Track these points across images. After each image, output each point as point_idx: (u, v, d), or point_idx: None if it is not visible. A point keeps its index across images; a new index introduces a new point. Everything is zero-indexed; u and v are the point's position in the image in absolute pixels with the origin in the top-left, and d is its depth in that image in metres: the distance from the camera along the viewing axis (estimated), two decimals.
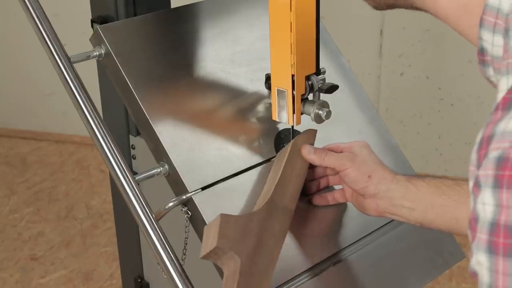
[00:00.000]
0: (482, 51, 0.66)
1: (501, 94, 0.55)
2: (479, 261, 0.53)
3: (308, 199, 1.11)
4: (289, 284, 1.04)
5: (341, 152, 1.06)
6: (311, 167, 1.09)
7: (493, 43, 0.63)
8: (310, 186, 1.10)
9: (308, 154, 1.06)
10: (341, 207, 1.13)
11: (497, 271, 0.51)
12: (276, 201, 1.01)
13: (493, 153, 0.51)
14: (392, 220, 1.18)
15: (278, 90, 1.05)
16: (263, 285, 0.96)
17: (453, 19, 0.68)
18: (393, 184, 1.01)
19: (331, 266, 1.09)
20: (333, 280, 1.09)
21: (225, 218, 0.95)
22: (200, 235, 1.03)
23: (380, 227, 1.16)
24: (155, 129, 1.04)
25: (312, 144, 1.09)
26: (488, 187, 0.51)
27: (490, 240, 0.51)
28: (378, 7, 0.81)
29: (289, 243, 1.06)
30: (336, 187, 1.12)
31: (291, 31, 1.00)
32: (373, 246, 1.14)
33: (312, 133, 1.10)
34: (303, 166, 1.07)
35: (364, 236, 1.14)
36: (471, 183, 0.54)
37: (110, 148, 1.01)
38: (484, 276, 0.53)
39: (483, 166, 0.52)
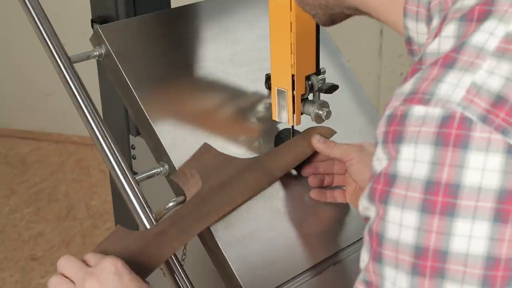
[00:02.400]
0: (409, 41, 0.67)
1: None
2: (366, 206, 0.57)
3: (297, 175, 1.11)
4: (289, 284, 1.04)
5: None
6: (318, 161, 1.09)
7: (418, 31, 0.64)
8: (314, 180, 1.10)
9: (318, 143, 1.07)
10: (341, 207, 1.13)
11: (387, 220, 0.54)
12: (263, 162, 1.04)
13: (386, 112, 0.55)
14: None
15: (278, 90, 1.05)
16: (211, 216, 0.97)
17: (382, 10, 0.68)
18: None
19: (331, 266, 1.09)
20: (333, 280, 1.09)
21: (206, 146, 1.00)
22: (200, 235, 1.03)
23: None
24: (155, 129, 1.04)
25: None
26: (380, 143, 0.55)
27: (383, 189, 0.54)
28: (325, 25, 0.81)
29: (289, 243, 1.06)
30: None
31: (291, 31, 1.00)
32: None
33: (329, 131, 1.11)
34: (305, 151, 1.08)
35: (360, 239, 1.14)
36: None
37: (110, 148, 1.01)
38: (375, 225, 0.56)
39: (380, 123, 0.56)
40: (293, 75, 1.02)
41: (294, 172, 1.10)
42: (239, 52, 1.17)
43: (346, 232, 1.13)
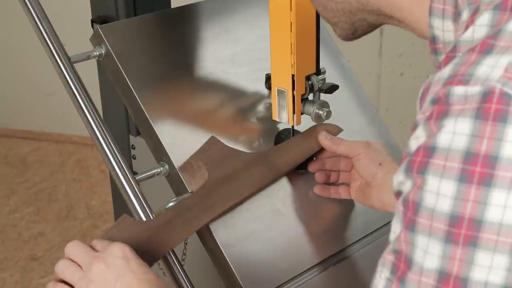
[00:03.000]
0: (433, 40, 0.68)
1: None
2: (401, 180, 0.58)
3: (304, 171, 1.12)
4: (289, 284, 1.04)
5: None
6: (325, 157, 1.10)
7: (444, 28, 0.66)
8: (320, 176, 1.10)
9: (324, 139, 1.08)
10: (342, 207, 1.13)
11: (425, 189, 0.56)
12: (269, 157, 1.06)
13: (427, 98, 0.58)
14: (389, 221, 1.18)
15: (278, 90, 1.05)
16: (216, 208, 0.99)
17: (406, 8, 0.69)
18: None
19: (331, 266, 1.09)
20: (333, 280, 1.09)
21: (213, 140, 1.02)
22: (200, 235, 1.03)
23: (380, 227, 1.16)
24: (155, 129, 1.04)
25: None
26: (421, 124, 0.57)
27: (422, 161, 0.56)
28: (347, 36, 0.81)
29: (289, 242, 1.06)
30: None
31: (291, 31, 1.00)
32: (373, 246, 1.14)
33: (336, 128, 1.12)
34: (311, 147, 1.09)
35: (365, 236, 1.14)
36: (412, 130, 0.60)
37: (110, 148, 1.01)
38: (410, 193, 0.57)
39: (421, 110, 0.58)
40: (293, 75, 1.02)
41: (301, 170, 1.11)
42: (239, 52, 1.17)
43: (347, 231, 1.13)
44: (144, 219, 0.98)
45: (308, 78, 1.05)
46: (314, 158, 1.11)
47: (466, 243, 0.54)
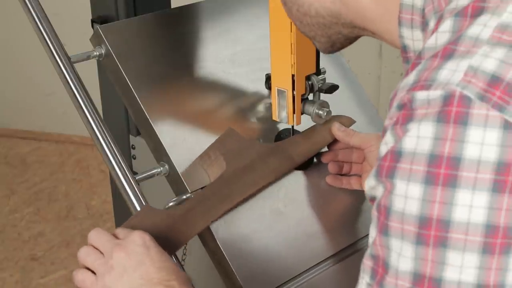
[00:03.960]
0: (404, 49, 0.70)
1: None
2: (372, 185, 0.60)
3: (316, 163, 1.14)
4: (289, 284, 1.04)
5: None
6: (338, 149, 1.12)
7: (413, 38, 0.68)
8: (333, 166, 1.12)
9: (337, 131, 1.10)
10: (342, 208, 1.14)
11: (394, 193, 0.57)
12: (284, 148, 1.08)
13: (394, 104, 0.60)
14: None
15: (278, 90, 1.05)
16: (234, 198, 1.01)
17: (377, 20, 0.71)
18: None
19: (331, 266, 1.09)
20: (333, 280, 1.09)
21: (230, 131, 1.04)
22: (200, 235, 1.03)
23: None
24: (155, 129, 1.04)
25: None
26: (388, 130, 0.59)
27: (390, 165, 0.58)
28: (326, 50, 0.84)
29: (289, 242, 1.06)
30: None
31: (291, 31, 1.00)
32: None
33: (349, 120, 1.14)
34: (325, 139, 1.11)
35: (365, 236, 1.14)
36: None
37: (110, 148, 1.01)
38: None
39: (389, 116, 0.60)
40: (293, 75, 1.02)
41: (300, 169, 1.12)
42: (239, 52, 1.17)
43: (348, 231, 1.13)
44: None
45: (308, 78, 1.05)
46: (327, 149, 1.13)
47: (436, 244, 0.55)
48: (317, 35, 0.80)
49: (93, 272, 0.84)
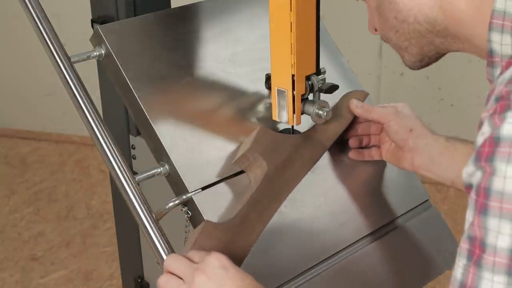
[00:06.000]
0: (491, 53, 0.74)
1: None
2: (471, 172, 0.65)
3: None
4: (290, 284, 1.04)
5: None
6: (357, 123, 1.15)
7: (502, 42, 0.72)
8: (354, 141, 1.16)
9: (356, 108, 1.13)
10: (343, 207, 1.14)
11: (494, 174, 0.62)
12: (313, 135, 1.10)
13: (492, 97, 0.64)
14: (393, 220, 1.18)
15: (278, 90, 1.05)
16: (282, 195, 1.03)
17: (469, 23, 0.76)
18: (433, 140, 1.09)
19: (331, 266, 1.09)
20: (333, 280, 1.09)
21: (263, 130, 1.05)
22: None
23: (380, 227, 1.16)
24: (155, 129, 1.04)
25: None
26: (486, 120, 0.64)
27: (489, 151, 0.62)
28: (414, 63, 0.90)
29: (289, 243, 1.06)
30: None
31: (291, 31, 1.00)
32: (373, 246, 1.14)
33: (363, 94, 1.18)
34: (347, 118, 1.14)
35: (365, 236, 1.14)
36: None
37: (110, 148, 1.01)
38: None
39: (486, 108, 0.65)
40: (293, 75, 1.02)
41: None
42: (239, 52, 1.17)
43: (347, 231, 1.13)
44: (144, 219, 0.98)
45: (308, 78, 1.05)
46: None
47: None
48: (410, 45, 0.85)
49: None
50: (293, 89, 1.03)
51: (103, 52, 1.07)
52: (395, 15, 0.84)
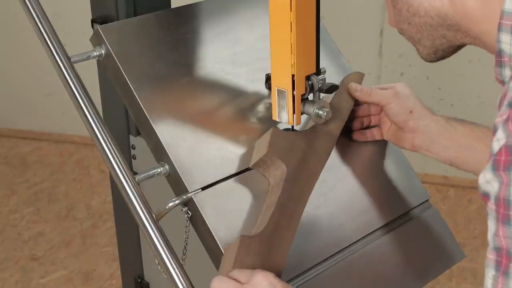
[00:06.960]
0: (499, 53, 0.74)
1: None
2: (488, 179, 0.65)
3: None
4: (290, 283, 1.04)
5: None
6: (356, 106, 1.16)
7: (511, 42, 0.72)
8: (355, 123, 1.18)
9: (355, 91, 1.14)
10: (343, 207, 1.14)
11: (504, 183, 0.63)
12: (323, 127, 1.10)
13: (505, 102, 0.64)
14: (393, 220, 1.18)
15: (278, 90, 1.05)
16: (305, 194, 1.03)
17: (479, 19, 0.77)
18: (433, 121, 1.10)
19: (331, 266, 1.09)
20: (333, 280, 1.09)
21: (276, 131, 1.05)
22: (200, 235, 1.03)
23: (380, 227, 1.16)
24: (155, 129, 1.04)
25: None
26: (500, 126, 0.64)
27: (506, 159, 0.62)
28: (428, 55, 0.90)
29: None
30: None
31: (291, 31, 1.00)
32: (373, 246, 1.14)
33: (359, 76, 1.18)
34: (349, 103, 1.15)
35: (365, 236, 1.14)
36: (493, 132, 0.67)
37: (110, 148, 1.01)
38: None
39: (499, 113, 0.65)
40: (293, 75, 1.02)
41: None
42: (239, 52, 1.17)
43: (347, 232, 1.13)
44: (144, 219, 0.98)
45: (308, 78, 1.05)
46: None
47: None
48: (423, 38, 0.86)
49: None
50: (293, 89, 1.03)
51: (103, 52, 1.07)
52: (407, 8, 0.85)
